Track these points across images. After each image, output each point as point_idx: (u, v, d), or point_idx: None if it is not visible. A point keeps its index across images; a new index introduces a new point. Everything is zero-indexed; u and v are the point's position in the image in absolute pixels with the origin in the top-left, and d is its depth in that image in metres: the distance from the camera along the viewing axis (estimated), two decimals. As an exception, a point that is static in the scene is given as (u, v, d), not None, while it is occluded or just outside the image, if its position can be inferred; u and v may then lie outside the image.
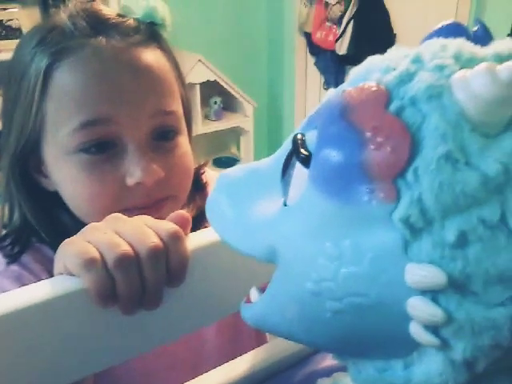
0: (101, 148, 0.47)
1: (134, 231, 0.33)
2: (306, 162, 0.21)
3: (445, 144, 0.18)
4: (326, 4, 2.30)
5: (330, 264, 0.21)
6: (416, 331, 0.21)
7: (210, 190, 0.65)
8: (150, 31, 0.52)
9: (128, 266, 0.31)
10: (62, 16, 0.51)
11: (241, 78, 2.54)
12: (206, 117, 2.49)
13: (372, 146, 0.19)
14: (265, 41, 2.70)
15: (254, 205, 0.26)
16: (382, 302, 0.21)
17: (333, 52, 2.36)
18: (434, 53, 0.20)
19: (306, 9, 2.40)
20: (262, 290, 0.29)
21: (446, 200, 0.18)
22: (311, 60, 2.59)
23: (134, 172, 0.48)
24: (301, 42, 2.56)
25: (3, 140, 0.53)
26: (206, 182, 0.64)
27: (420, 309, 0.20)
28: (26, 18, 2.10)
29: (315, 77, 2.61)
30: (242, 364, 0.47)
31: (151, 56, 0.50)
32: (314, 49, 2.50)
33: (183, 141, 0.54)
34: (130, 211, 0.46)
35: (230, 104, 2.54)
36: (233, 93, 2.43)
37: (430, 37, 0.24)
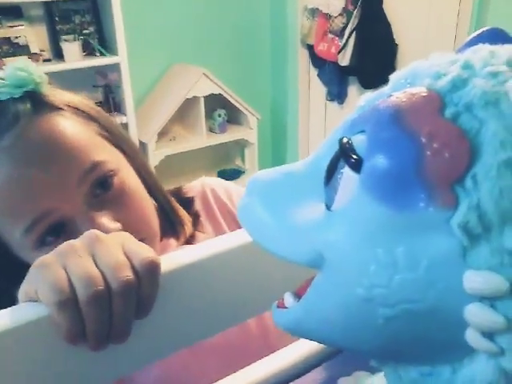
0: (55, 234, 0.47)
1: (109, 258, 0.33)
2: (357, 166, 0.21)
3: (504, 151, 0.18)
4: (328, 16, 2.32)
5: (383, 271, 0.21)
6: (473, 337, 0.21)
7: (219, 192, 0.67)
8: (33, 100, 0.49)
9: (99, 303, 0.31)
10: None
11: (245, 91, 2.56)
12: (211, 129, 2.50)
13: (428, 152, 0.19)
14: (268, 53, 2.73)
15: (292, 209, 0.26)
16: (438, 309, 0.21)
17: (335, 63, 2.37)
18: (485, 59, 0.20)
19: (309, 21, 2.42)
20: (296, 295, 0.29)
21: (506, 206, 0.18)
22: (314, 72, 2.61)
23: None
24: (303, 54, 2.58)
25: None
26: (192, 198, 0.65)
27: (479, 315, 0.20)
28: (33, 35, 2.13)
29: (318, 88, 2.63)
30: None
31: (45, 131, 0.48)
32: (316, 61, 2.51)
33: (124, 177, 0.51)
34: None
35: (234, 116, 2.55)
36: (237, 105, 2.44)
37: (471, 43, 0.24)
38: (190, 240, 0.61)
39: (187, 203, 0.64)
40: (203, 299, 0.39)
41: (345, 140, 0.22)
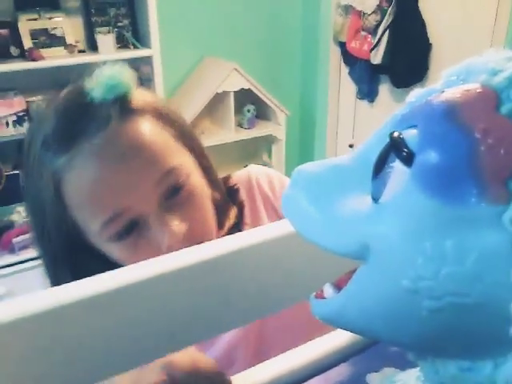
0: (129, 231, 0.52)
1: None
2: (408, 160, 0.22)
3: (560, 148, 0.18)
4: (362, 14, 2.30)
5: (431, 263, 0.21)
6: None
7: (263, 182, 0.70)
8: (121, 105, 0.52)
9: None
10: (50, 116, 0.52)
11: (274, 87, 2.56)
12: (240, 124, 2.51)
13: (483, 148, 0.19)
14: (299, 50, 2.72)
15: (338, 202, 0.26)
16: (484, 303, 0.21)
17: (367, 62, 2.35)
18: (543, 57, 0.21)
19: (341, 18, 2.41)
20: (336, 286, 0.29)
21: (558, 204, 0.19)
22: (345, 69, 2.59)
23: (162, 240, 0.52)
24: (335, 52, 2.56)
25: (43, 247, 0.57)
26: (237, 188, 0.68)
27: None
28: (69, 27, 2.17)
29: (349, 86, 2.61)
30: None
31: (131, 134, 0.51)
32: (348, 58, 2.49)
33: (194, 182, 0.55)
34: None
35: (262, 112, 2.55)
36: (266, 101, 2.44)
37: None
38: (233, 229, 0.63)
39: (233, 193, 0.67)
40: (239, 289, 0.40)
41: (396, 134, 0.22)
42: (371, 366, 0.47)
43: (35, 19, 2.11)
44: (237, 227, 0.64)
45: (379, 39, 2.24)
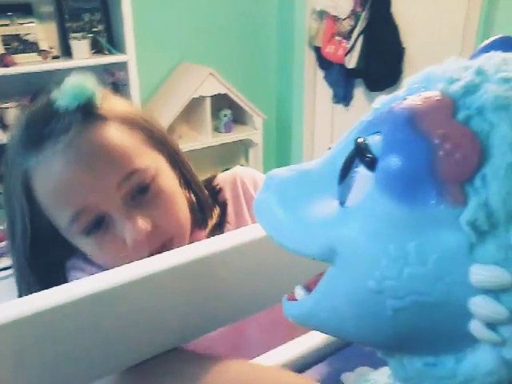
0: (97, 226, 0.55)
1: None
2: (371, 165, 0.22)
3: (513, 153, 0.19)
4: (336, 18, 2.33)
5: (394, 264, 0.22)
6: (477, 328, 0.22)
7: (248, 183, 0.71)
8: (85, 111, 0.55)
9: None
10: (18, 126, 0.57)
11: (250, 91, 2.57)
12: (216, 129, 2.51)
13: (441, 153, 0.20)
14: (275, 54, 2.74)
15: (306, 206, 0.27)
16: (444, 301, 0.22)
17: (342, 66, 2.39)
18: (497, 66, 0.22)
19: (316, 23, 2.44)
20: (307, 288, 0.30)
21: (512, 205, 0.20)
22: (320, 74, 2.62)
23: (126, 235, 0.55)
24: (310, 56, 2.59)
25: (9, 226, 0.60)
26: (220, 188, 0.70)
27: (483, 307, 0.21)
28: (42, 32, 2.14)
29: (324, 90, 2.64)
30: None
31: (95, 137, 0.55)
32: (323, 63, 2.53)
33: (161, 183, 0.58)
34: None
35: (239, 116, 2.56)
36: (242, 105, 2.45)
37: (484, 50, 0.25)
38: (215, 229, 0.65)
39: (215, 193, 0.69)
40: (214, 291, 0.41)
41: (360, 140, 0.23)
42: (347, 366, 0.48)
43: (7, 25, 2.08)
44: (219, 226, 0.66)
45: (353, 44, 2.27)
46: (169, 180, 0.60)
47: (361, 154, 0.23)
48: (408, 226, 0.22)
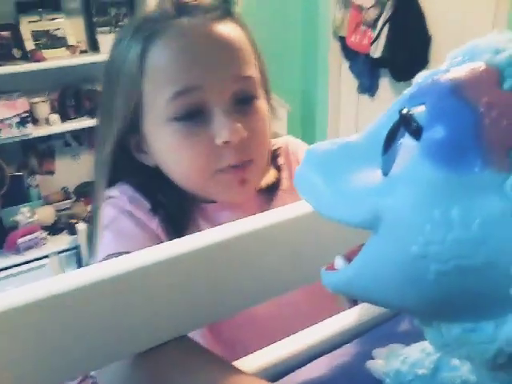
0: (191, 116, 0.55)
1: None
2: (417, 134, 0.23)
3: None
4: (361, 8, 2.31)
5: (439, 229, 0.23)
6: None
7: (300, 152, 0.70)
8: (225, 8, 0.59)
9: None
10: (150, 6, 0.59)
11: (275, 82, 2.56)
12: (241, 121, 2.52)
13: (486, 120, 0.21)
14: (299, 44, 2.73)
15: (348, 177, 0.27)
16: (488, 265, 0.22)
17: (367, 56, 2.37)
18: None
19: (341, 13, 2.42)
20: (347, 258, 0.30)
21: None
22: (345, 64, 2.60)
23: (221, 132, 0.54)
24: (335, 46, 2.58)
25: (104, 130, 0.60)
26: (279, 153, 0.69)
27: None
28: (70, 28, 2.19)
29: (349, 81, 2.62)
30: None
31: (228, 29, 0.57)
32: (348, 53, 2.51)
33: (261, 105, 0.59)
34: (223, 171, 0.55)
35: (264, 108, 2.56)
36: (267, 97, 2.45)
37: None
38: (268, 191, 0.65)
39: (274, 156, 0.68)
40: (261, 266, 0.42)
41: (405, 110, 0.24)
42: (373, 347, 0.49)
43: (37, 21, 2.13)
44: (272, 190, 0.65)
45: (379, 33, 2.25)
46: (265, 107, 0.61)
47: (406, 123, 0.24)
48: (453, 192, 0.22)
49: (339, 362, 0.49)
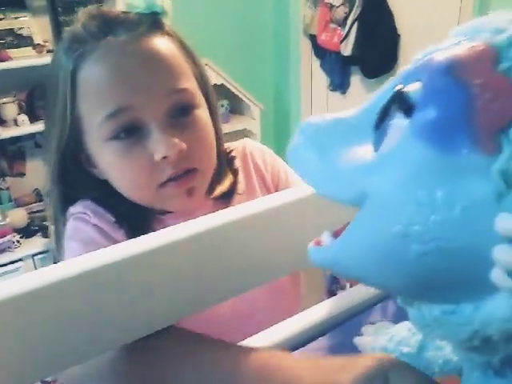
0: (128, 133, 0.54)
1: None
2: (409, 111, 0.23)
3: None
4: (331, 6, 2.33)
5: (422, 210, 0.22)
6: (498, 276, 0.22)
7: (257, 154, 0.71)
8: (153, 21, 0.57)
9: None
10: (76, 24, 0.57)
11: (247, 81, 2.57)
12: (214, 120, 2.51)
13: (479, 102, 0.20)
14: (271, 44, 2.73)
15: (341, 152, 0.27)
16: (468, 248, 0.22)
17: (338, 53, 2.38)
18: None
19: (311, 11, 2.43)
20: (334, 234, 0.30)
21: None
22: (316, 62, 2.62)
23: (159, 148, 0.53)
24: (306, 44, 2.59)
25: (47, 140, 0.60)
26: (234, 156, 0.69)
27: (506, 255, 0.21)
28: (36, 26, 2.13)
29: (321, 78, 2.63)
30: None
31: (156, 43, 0.55)
32: (319, 51, 2.52)
33: (201, 114, 0.58)
34: (165, 184, 0.55)
35: (237, 107, 2.56)
36: (240, 96, 2.45)
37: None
38: (224, 196, 0.65)
39: (229, 160, 0.68)
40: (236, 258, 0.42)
41: (399, 87, 0.24)
42: (347, 339, 0.49)
43: (0, 19, 2.07)
44: (228, 195, 0.65)
45: (348, 31, 2.27)
46: (206, 114, 0.60)
47: (398, 100, 0.23)
48: (439, 172, 0.22)
49: (314, 355, 0.49)
